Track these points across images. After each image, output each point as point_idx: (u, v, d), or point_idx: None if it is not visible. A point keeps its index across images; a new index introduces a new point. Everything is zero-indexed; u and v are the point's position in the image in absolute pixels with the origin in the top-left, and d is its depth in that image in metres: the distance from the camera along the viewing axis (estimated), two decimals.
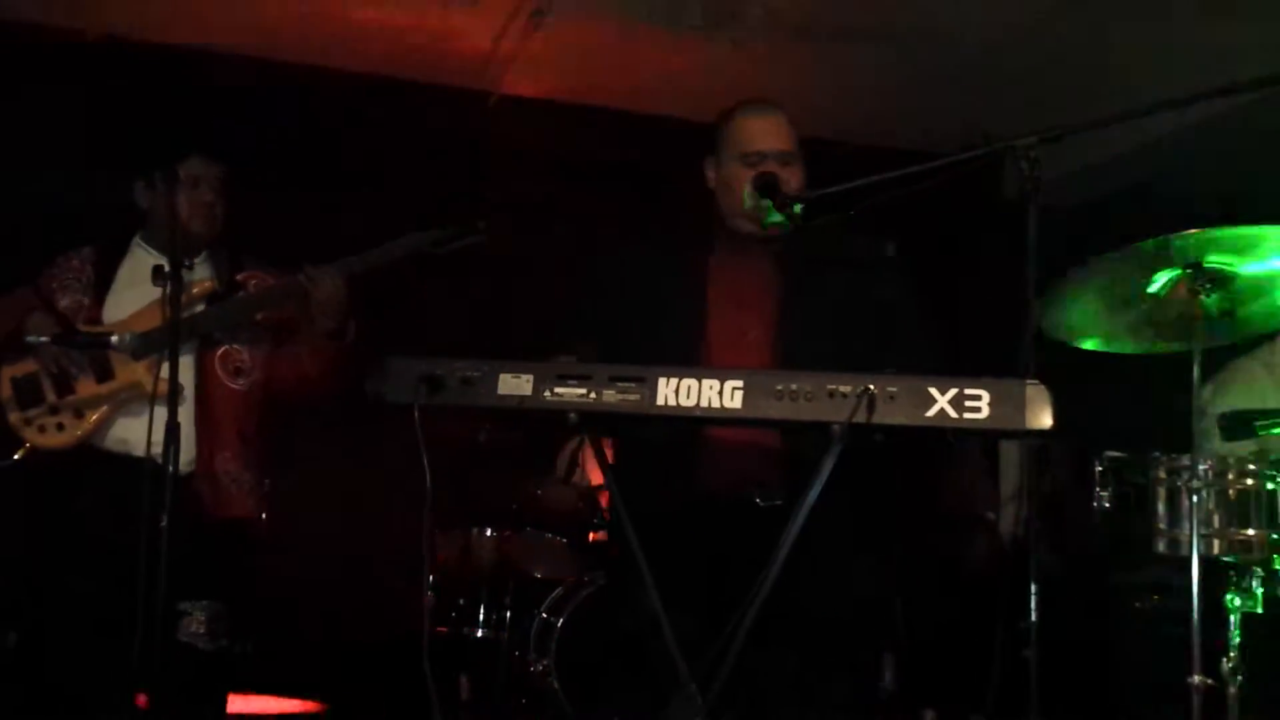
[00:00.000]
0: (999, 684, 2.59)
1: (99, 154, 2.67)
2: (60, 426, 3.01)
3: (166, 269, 2.75)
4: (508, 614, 4.96)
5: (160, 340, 2.98)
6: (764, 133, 2.73)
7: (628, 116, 5.64)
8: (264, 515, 3.20)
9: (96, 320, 3.09)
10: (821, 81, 5.24)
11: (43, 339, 2.92)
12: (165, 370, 2.97)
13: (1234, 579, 2.69)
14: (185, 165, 3.13)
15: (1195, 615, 2.42)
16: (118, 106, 4.74)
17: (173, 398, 2.65)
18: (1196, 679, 2.44)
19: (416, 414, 2.22)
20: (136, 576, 2.83)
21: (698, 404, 2.18)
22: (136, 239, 3.23)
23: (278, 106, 5.13)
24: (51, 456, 3.02)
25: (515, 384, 2.24)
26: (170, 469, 2.57)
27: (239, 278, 3.20)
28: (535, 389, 2.23)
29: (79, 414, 3.03)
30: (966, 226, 5.82)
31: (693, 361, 2.55)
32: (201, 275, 3.16)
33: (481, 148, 5.50)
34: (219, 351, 3.11)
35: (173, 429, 2.60)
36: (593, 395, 2.21)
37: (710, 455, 2.51)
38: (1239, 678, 2.56)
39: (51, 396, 3.02)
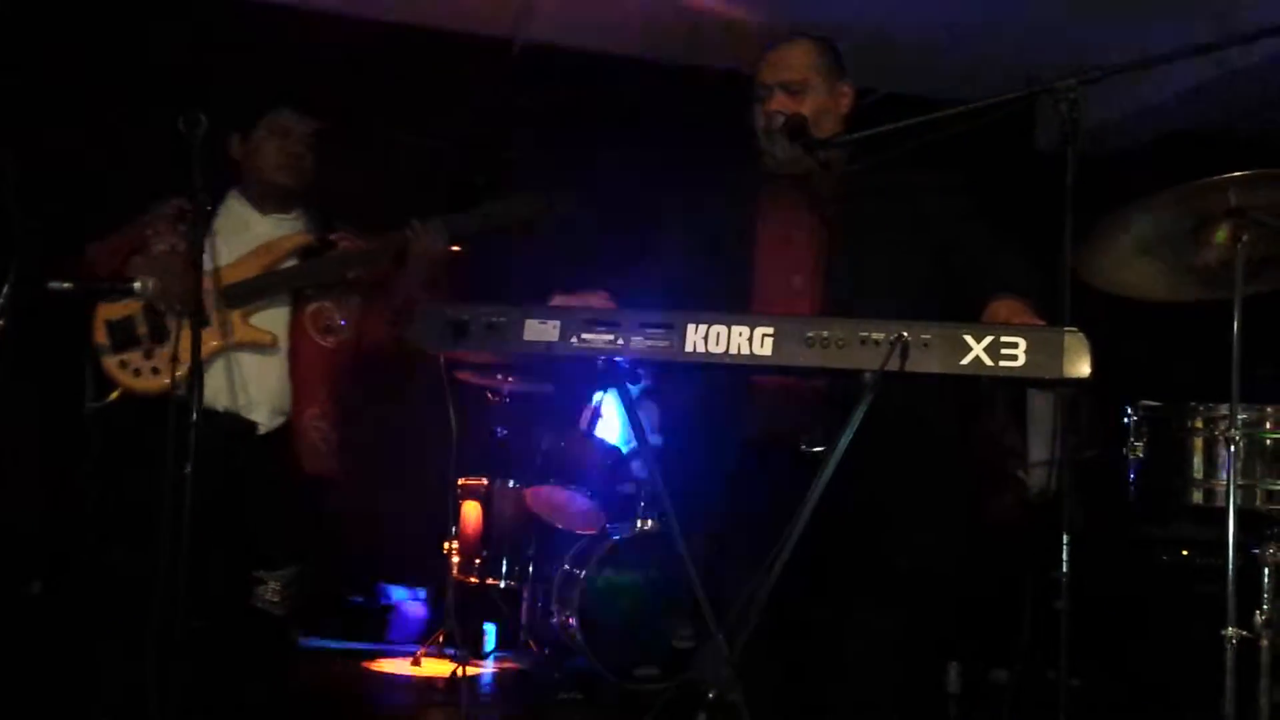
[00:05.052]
0: (1029, 637, 2.56)
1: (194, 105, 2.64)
2: (155, 371, 2.99)
3: (201, 205, 2.72)
4: (530, 566, 4.97)
5: (257, 289, 3.00)
6: (772, 65, 2.69)
7: (652, 65, 5.58)
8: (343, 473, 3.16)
9: None
10: (856, 26, 5.15)
11: (65, 285, 2.89)
12: (256, 319, 3.02)
13: (1269, 531, 2.65)
14: (277, 116, 3.13)
15: (1231, 567, 2.38)
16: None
17: (195, 348, 2.63)
18: (1231, 631, 2.41)
19: (442, 360, 2.19)
20: (210, 530, 2.82)
21: (727, 351, 2.13)
22: (232, 191, 3.20)
23: (292, 54, 5.07)
24: (144, 401, 2.98)
25: (542, 330, 2.20)
26: (194, 414, 2.54)
27: (332, 236, 3.18)
28: (562, 335, 2.18)
29: (175, 360, 2.97)
30: (999, 176, 5.72)
31: (741, 307, 2.48)
32: (295, 229, 3.15)
33: (506, 96, 5.44)
34: (310, 308, 3.09)
35: (196, 370, 2.59)
36: (620, 342, 2.16)
37: (752, 402, 2.44)
38: (1272, 631, 2.53)
39: (147, 341, 3.01)
